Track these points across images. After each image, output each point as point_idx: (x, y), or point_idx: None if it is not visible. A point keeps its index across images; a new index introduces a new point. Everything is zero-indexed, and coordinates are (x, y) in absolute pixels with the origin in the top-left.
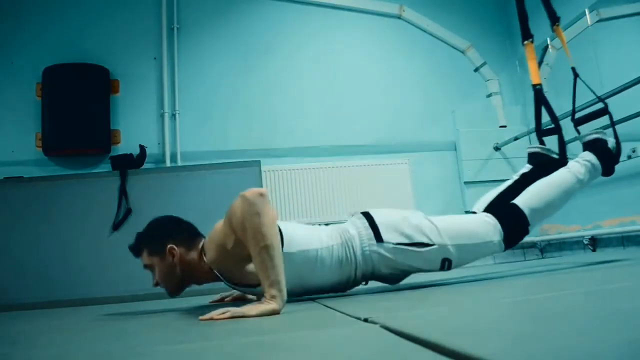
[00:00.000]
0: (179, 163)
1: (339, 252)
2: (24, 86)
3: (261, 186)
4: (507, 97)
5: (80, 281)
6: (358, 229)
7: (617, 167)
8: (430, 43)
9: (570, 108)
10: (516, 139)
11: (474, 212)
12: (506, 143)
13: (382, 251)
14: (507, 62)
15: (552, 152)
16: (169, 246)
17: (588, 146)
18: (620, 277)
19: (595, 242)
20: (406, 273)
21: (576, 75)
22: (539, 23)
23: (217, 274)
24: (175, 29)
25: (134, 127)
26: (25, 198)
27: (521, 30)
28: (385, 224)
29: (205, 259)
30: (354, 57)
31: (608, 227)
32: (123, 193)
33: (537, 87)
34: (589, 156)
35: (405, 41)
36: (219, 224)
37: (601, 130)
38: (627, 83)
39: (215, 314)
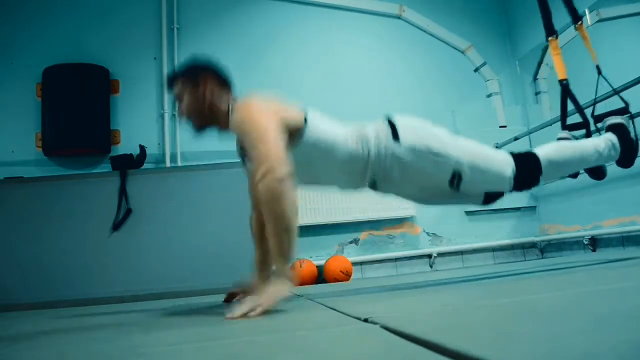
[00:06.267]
0: (179, 163)
1: (352, 145)
2: (24, 86)
3: None
4: (507, 97)
5: (80, 281)
6: (377, 129)
7: (616, 167)
8: (430, 43)
9: (569, 109)
10: (516, 139)
11: None
12: (506, 143)
13: (397, 151)
14: (507, 62)
15: None
16: (203, 76)
17: (611, 128)
18: (620, 277)
19: (595, 242)
20: (415, 185)
21: (599, 73)
22: (538, 23)
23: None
24: (175, 29)
25: (134, 127)
26: (25, 198)
27: (545, 27)
28: (406, 126)
29: (230, 117)
30: (353, 57)
31: (608, 227)
32: (123, 193)
33: (564, 82)
34: (611, 136)
35: (405, 41)
36: (248, 125)
37: (627, 117)
38: (626, 83)
39: (243, 312)
